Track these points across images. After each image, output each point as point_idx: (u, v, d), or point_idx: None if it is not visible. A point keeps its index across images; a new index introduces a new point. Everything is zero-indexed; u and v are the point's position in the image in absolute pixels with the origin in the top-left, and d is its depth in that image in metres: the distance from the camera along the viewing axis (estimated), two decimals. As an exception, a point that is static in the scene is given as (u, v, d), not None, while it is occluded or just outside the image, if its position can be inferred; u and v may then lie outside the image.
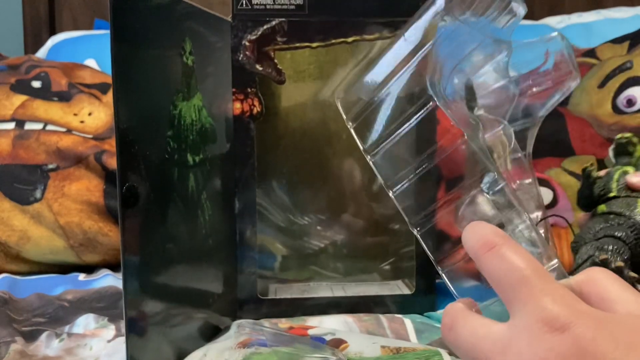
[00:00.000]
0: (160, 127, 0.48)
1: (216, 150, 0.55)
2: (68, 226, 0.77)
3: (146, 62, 0.46)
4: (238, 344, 0.50)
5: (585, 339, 0.28)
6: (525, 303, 0.30)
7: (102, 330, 0.57)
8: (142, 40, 0.46)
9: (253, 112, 0.58)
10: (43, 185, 0.79)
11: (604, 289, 0.32)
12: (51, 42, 1.33)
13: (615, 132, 0.79)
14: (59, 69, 0.97)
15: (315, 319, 0.58)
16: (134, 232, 0.44)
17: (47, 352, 0.53)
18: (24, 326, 0.58)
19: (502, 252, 0.32)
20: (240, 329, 0.52)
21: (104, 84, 0.98)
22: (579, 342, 0.27)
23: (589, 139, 0.80)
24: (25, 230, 0.77)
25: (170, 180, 0.49)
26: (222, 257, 0.57)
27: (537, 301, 0.30)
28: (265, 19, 0.57)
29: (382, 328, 0.55)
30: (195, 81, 0.52)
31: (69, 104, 0.89)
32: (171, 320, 0.49)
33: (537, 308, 0.29)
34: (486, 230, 0.34)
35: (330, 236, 0.64)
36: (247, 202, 0.59)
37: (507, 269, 0.32)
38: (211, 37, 0.55)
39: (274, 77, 0.59)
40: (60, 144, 0.81)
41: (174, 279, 0.50)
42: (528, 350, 0.29)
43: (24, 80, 0.94)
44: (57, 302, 0.64)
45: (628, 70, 0.83)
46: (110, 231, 0.77)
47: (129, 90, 0.44)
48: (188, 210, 0.51)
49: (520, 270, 0.31)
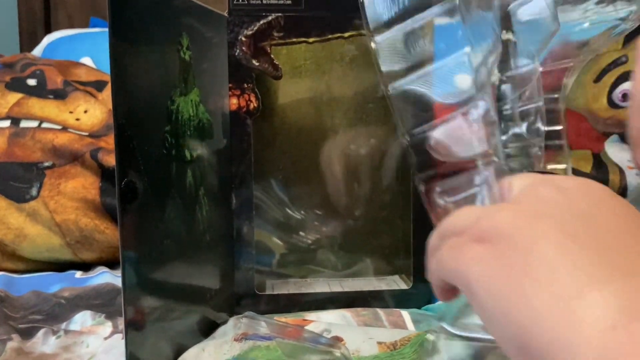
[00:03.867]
0: (158, 123, 0.48)
1: (213, 146, 0.55)
2: (64, 224, 0.77)
3: (144, 57, 0.46)
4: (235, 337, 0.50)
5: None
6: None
7: (99, 327, 0.57)
8: (140, 35, 0.46)
9: (250, 108, 0.58)
10: (39, 183, 0.78)
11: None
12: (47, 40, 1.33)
13: (611, 126, 0.80)
14: (54, 67, 0.97)
15: (313, 314, 0.58)
16: (132, 228, 0.44)
17: (44, 349, 0.53)
18: (21, 323, 0.58)
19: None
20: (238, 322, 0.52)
21: (100, 82, 0.98)
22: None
23: (584, 134, 0.80)
24: (21, 228, 0.77)
25: (168, 176, 0.49)
26: (219, 252, 0.57)
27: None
28: (262, 14, 0.57)
29: (380, 321, 0.55)
30: (193, 76, 0.52)
31: (65, 101, 0.89)
32: (169, 315, 0.49)
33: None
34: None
35: (327, 232, 0.64)
36: (244, 198, 0.59)
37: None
38: (208, 33, 0.55)
39: (270, 72, 0.59)
40: (56, 141, 0.81)
41: (171, 275, 0.50)
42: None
43: (19, 78, 0.93)
44: (53, 300, 0.64)
45: (623, 65, 0.83)
46: (107, 228, 0.77)
47: (127, 86, 0.44)
48: (186, 206, 0.51)
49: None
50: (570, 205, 0.26)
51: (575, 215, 0.25)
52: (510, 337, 0.24)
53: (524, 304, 0.23)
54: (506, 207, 0.28)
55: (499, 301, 0.24)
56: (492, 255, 0.25)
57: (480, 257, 0.26)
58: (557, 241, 0.24)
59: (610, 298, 0.21)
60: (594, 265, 0.23)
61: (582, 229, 0.24)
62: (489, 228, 0.26)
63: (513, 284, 0.24)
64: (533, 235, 0.25)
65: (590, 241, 0.24)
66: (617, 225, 0.25)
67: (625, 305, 0.21)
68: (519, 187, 0.29)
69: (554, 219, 0.25)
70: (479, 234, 0.27)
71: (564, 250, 0.23)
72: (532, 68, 0.47)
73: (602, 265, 0.23)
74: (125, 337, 0.44)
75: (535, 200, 0.27)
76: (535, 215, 0.26)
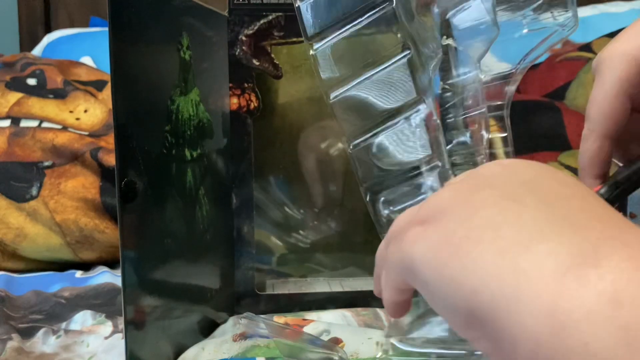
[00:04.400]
0: (158, 122, 0.48)
1: (213, 145, 0.55)
2: (64, 223, 0.77)
3: (144, 57, 0.46)
4: (235, 337, 0.50)
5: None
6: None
7: (99, 327, 0.57)
8: (140, 35, 0.46)
9: (250, 107, 0.58)
10: (39, 182, 0.78)
11: None
12: (47, 39, 1.33)
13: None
14: (54, 66, 0.97)
15: (313, 314, 0.58)
16: (132, 227, 0.44)
17: (44, 349, 0.53)
18: (21, 323, 0.58)
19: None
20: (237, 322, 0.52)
21: (100, 81, 0.98)
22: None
23: (585, 133, 0.80)
24: (21, 227, 0.77)
25: (168, 176, 0.49)
26: (219, 252, 0.57)
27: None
28: (262, 13, 0.57)
29: (380, 321, 0.55)
30: (193, 76, 0.52)
31: (65, 101, 0.89)
32: (169, 315, 0.49)
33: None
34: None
35: (327, 231, 0.64)
36: (245, 198, 0.59)
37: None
38: (208, 32, 0.55)
39: (270, 72, 0.58)
40: (56, 141, 0.81)
41: (171, 274, 0.49)
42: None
43: (20, 77, 0.93)
44: (54, 299, 0.64)
45: (624, 65, 0.83)
46: (107, 228, 0.77)
47: (127, 85, 0.44)
48: (186, 205, 0.51)
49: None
50: (512, 175, 0.25)
51: (519, 182, 0.24)
52: (457, 308, 0.22)
53: (469, 268, 0.22)
54: (446, 187, 0.27)
55: (444, 272, 0.23)
56: (433, 231, 0.24)
57: (423, 235, 0.25)
58: (499, 204, 0.23)
59: (558, 248, 0.20)
60: (540, 221, 0.21)
61: (526, 193, 0.23)
62: (430, 209, 0.26)
63: (456, 252, 0.23)
64: (473, 204, 0.24)
65: (535, 202, 0.23)
66: (563, 190, 0.23)
67: (574, 253, 0.20)
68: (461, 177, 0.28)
69: (495, 189, 0.24)
70: (420, 218, 0.26)
71: (506, 211, 0.22)
72: (473, 75, 0.46)
73: (548, 221, 0.21)
74: (125, 337, 0.44)
75: (476, 176, 0.26)
76: (476, 187, 0.25)
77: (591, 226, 0.21)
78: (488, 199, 0.24)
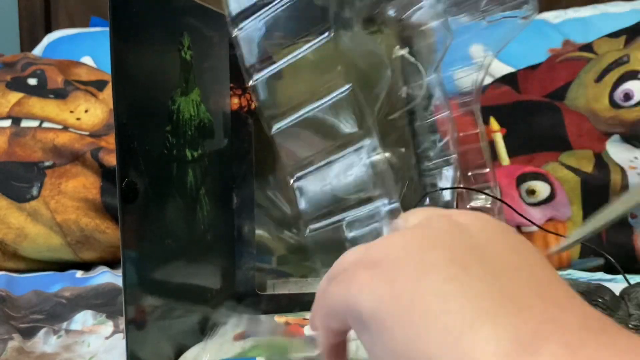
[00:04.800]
0: (159, 122, 0.48)
1: (214, 145, 0.55)
2: (65, 223, 0.77)
3: (145, 57, 0.46)
4: (235, 337, 0.50)
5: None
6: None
7: (100, 327, 0.57)
8: (141, 35, 0.46)
9: (251, 107, 0.58)
10: (39, 182, 0.78)
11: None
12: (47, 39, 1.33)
13: (612, 126, 0.80)
14: (55, 66, 0.97)
15: (313, 314, 0.58)
16: (133, 227, 0.44)
17: (44, 349, 0.53)
18: (22, 323, 0.58)
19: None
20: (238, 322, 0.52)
21: (100, 81, 0.98)
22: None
23: (586, 133, 0.80)
24: (22, 227, 0.77)
25: (169, 176, 0.49)
26: (220, 252, 0.57)
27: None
28: (263, 13, 0.57)
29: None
30: (194, 76, 0.52)
31: (65, 101, 0.89)
32: (170, 315, 0.49)
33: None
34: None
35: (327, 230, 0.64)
36: (245, 198, 0.59)
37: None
38: (209, 32, 0.55)
39: (271, 72, 0.58)
40: (57, 141, 0.81)
41: (172, 274, 0.49)
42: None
43: (20, 77, 0.93)
44: (54, 299, 0.64)
45: (625, 65, 0.83)
46: (108, 228, 0.77)
47: (128, 86, 0.44)
48: (187, 205, 0.51)
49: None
50: (463, 237, 0.25)
51: (468, 247, 0.24)
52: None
53: (414, 339, 0.22)
54: (398, 233, 0.27)
55: (389, 333, 0.23)
56: (383, 280, 0.24)
57: (371, 282, 0.25)
58: (447, 272, 0.23)
59: (499, 332, 0.21)
60: (485, 298, 0.22)
61: (474, 261, 0.24)
62: (380, 253, 0.26)
63: (404, 317, 0.23)
64: (424, 264, 0.24)
65: (482, 274, 0.23)
66: (511, 260, 0.24)
67: (513, 339, 0.20)
68: (414, 221, 0.28)
69: (445, 250, 0.24)
70: (369, 261, 0.26)
71: (454, 280, 0.23)
72: (434, 79, 0.46)
73: (493, 298, 0.22)
74: (126, 337, 0.44)
75: (428, 230, 0.26)
76: (427, 244, 0.25)
77: (534, 305, 0.22)
78: (438, 262, 0.24)
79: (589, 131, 0.80)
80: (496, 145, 0.82)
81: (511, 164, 0.80)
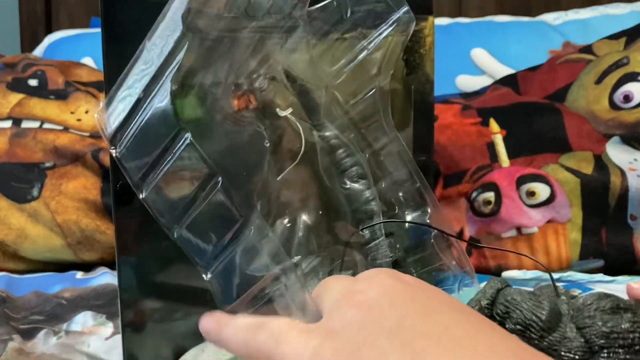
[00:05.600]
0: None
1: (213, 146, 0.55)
2: (65, 224, 0.77)
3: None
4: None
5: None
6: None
7: (100, 328, 0.57)
8: (134, 37, 0.45)
9: (249, 108, 0.58)
10: (40, 183, 0.78)
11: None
12: (48, 40, 1.33)
13: (612, 127, 0.80)
14: (55, 67, 0.97)
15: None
16: (128, 230, 0.44)
17: (44, 350, 0.53)
18: (22, 324, 0.58)
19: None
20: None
21: (101, 82, 0.98)
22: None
23: (586, 135, 0.80)
24: (22, 228, 0.77)
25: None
26: (220, 254, 0.57)
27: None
28: (262, 15, 0.57)
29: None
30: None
31: (66, 102, 0.89)
32: (169, 317, 0.49)
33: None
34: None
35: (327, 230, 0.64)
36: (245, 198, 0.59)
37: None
38: (208, 34, 0.55)
39: (271, 73, 0.58)
40: (57, 142, 0.81)
41: (171, 277, 0.49)
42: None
43: (21, 78, 0.94)
44: (54, 300, 0.64)
45: (625, 66, 0.83)
46: (108, 229, 0.77)
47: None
48: (186, 207, 0.51)
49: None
50: (375, 322, 0.27)
51: (383, 330, 0.26)
52: None
53: None
54: (336, 313, 0.28)
55: None
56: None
57: (305, 348, 0.27)
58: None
59: None
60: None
61: (390, 346, 0.25)
62: (320, 324, 0.28)
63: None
64: (354, 352, 0.26)
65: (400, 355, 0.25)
66: (424, 325, 0.26)
67: None
68: (328, 304, 0.30)
69: (360, 338, 0.26)
70: (310, 327, 0.28)
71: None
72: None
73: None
74: (122, 339, 0.44)
75: (347, 328, 0.27)
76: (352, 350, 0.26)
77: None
78: (360, 350, 0.26)
79: (589, 133, 0.80)
80: (496, 146, 0.82)
81: (511, 165, 0.80)
